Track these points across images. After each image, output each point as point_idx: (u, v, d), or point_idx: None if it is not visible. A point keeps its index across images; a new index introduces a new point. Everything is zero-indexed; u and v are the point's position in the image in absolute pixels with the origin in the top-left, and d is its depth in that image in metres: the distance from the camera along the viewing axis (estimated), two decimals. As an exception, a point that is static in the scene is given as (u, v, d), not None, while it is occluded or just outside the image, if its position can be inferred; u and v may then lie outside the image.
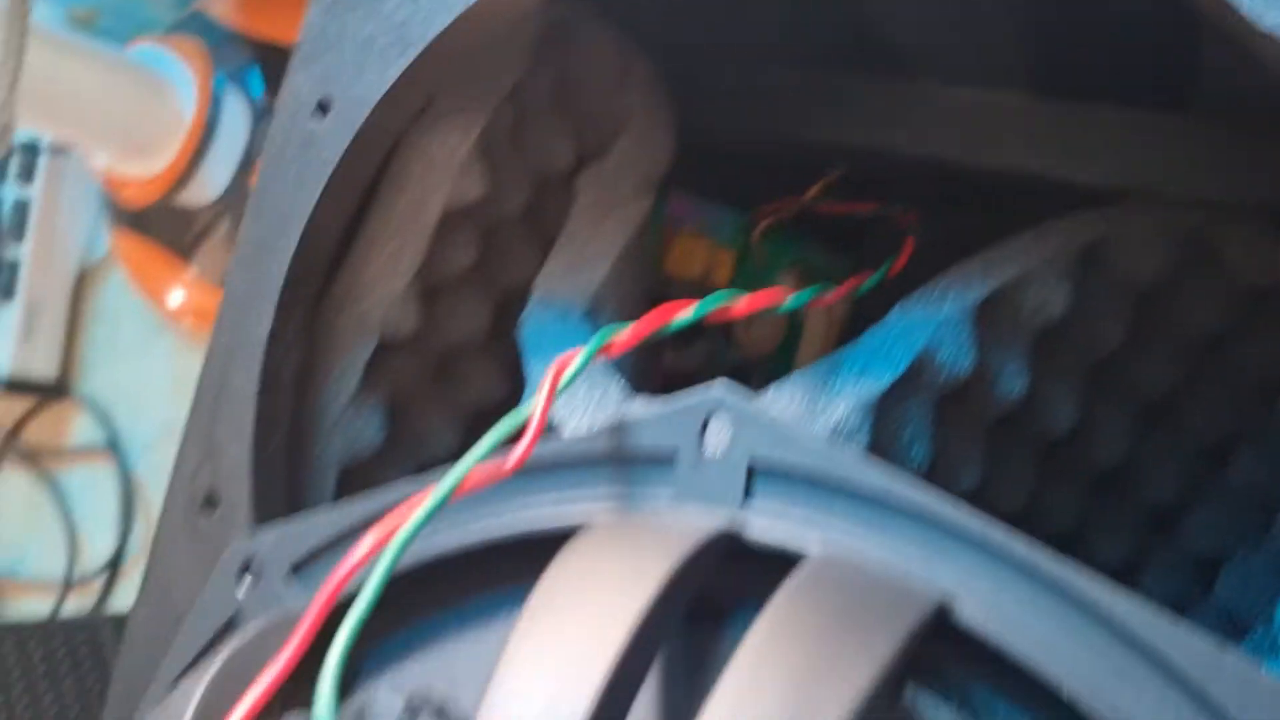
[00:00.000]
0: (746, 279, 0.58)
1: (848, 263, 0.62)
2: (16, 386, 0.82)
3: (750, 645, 0.23)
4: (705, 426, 0.28)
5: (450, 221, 0.40)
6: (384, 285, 0.39)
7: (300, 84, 0.37)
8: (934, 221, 0.60)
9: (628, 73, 0.45)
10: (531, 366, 0.38)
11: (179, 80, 0.77)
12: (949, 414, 0.38)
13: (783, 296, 0.37)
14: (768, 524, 0.27)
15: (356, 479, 0.40)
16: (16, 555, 0.86)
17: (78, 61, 0.73)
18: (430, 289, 0.41)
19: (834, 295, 0.38)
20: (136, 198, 0.78)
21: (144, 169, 0.77)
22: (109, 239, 0.82)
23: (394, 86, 0.36)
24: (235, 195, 0.75)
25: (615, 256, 0.41)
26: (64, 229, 0.85)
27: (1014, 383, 0.39)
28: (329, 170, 0.36)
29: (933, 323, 0.37)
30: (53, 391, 0.84)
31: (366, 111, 0.36)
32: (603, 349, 0.32)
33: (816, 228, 0.58)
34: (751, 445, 0.28)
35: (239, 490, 0.35)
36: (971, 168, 0.44)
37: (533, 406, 0.28)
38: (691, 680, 0.27)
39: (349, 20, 0.36)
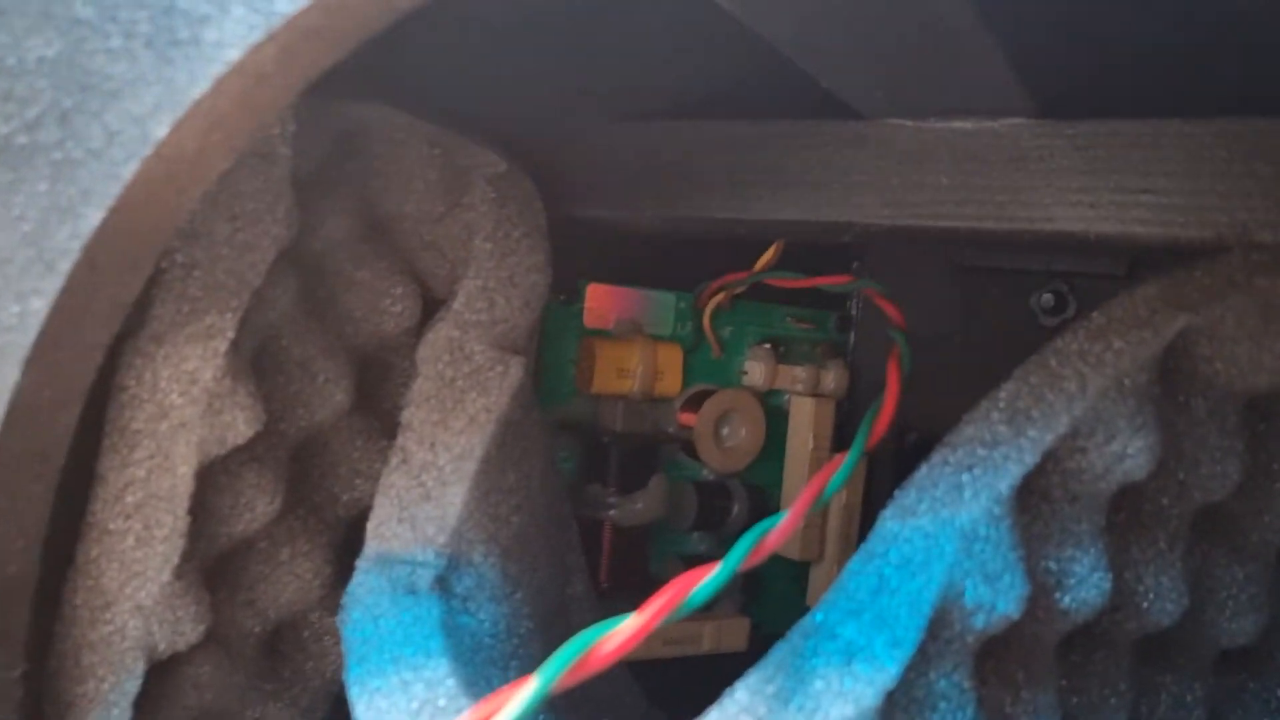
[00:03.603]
0: (706, 372, 0.44)
1: (829, 325, 0.47)
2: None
3: None
4: None
5: (217, 472, 0.27)
6: (137, 586, 0.25)
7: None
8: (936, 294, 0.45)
9: (463, 182, 0.30)
10: (355, 691, 0.24)
11: None
12: (999, 664, 0.24)
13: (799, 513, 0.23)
14: None
15: None
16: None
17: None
18: (218, 562, 0.28)
19: (788, 524, 0.23)
20: None
21: None
22: None
23: (49, 324, 0.22)
24: None
25: (474, 471, 0.27)
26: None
27: (1090, 587, 0.24)
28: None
29: (949, 543, 0.22)
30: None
31: (15, 376, 0.22)
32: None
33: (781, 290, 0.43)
34: None
35: None
36: (968, 233, 0.29)
37: None
38: None
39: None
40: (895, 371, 0.28)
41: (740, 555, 0.21)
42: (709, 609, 0.45)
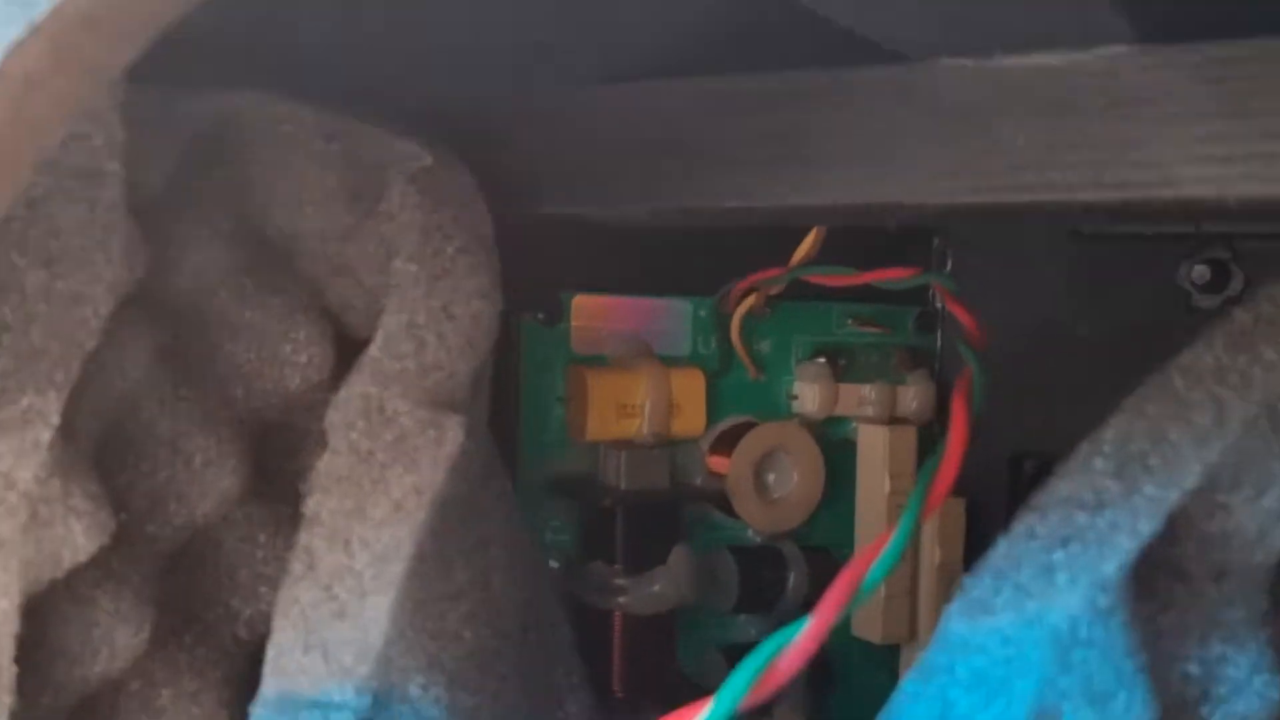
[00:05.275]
0: (741, 401, 0.42)
1: (906, 326, 0.45)
2: None
3: None
4: None
5: (59, 600, 0.26)
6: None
7: None
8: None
9: (376, 183, 0.29)
10: None
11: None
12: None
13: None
14: None
15: None
16: None
17: None
18: (76, 714, 0.27)
19: (807, 642, 0.21)
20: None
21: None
22: None
23: None
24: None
25: (403, 574, 0.26)
26: None
27: (1250, 696, 0.23)
28: None
29: (1037, 650, 0.21)
30: None
31: None
32: None
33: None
34: None
35: None
36: (1055, 207, 0.27)
37: None
38: None
39: None
40: (962, 409, 0.25)
41: (739, 691, 0.19)
42: (766, 713, 0.43)
